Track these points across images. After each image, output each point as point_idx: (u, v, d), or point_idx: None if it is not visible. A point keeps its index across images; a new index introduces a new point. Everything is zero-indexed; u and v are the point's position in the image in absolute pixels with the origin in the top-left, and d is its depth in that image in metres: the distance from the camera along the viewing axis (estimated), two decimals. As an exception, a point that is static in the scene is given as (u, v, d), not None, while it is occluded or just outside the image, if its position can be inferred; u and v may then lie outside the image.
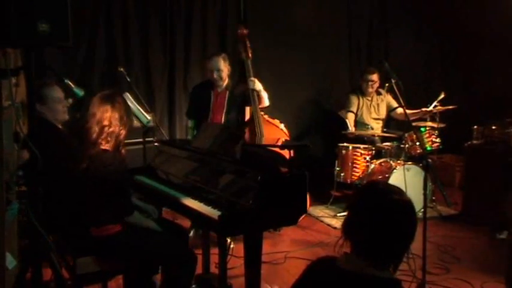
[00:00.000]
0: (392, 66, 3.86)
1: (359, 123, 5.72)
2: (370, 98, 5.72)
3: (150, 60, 5.50)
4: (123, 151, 2.85)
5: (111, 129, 2.75)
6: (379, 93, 5.74)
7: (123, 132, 2.80)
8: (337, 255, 1.66)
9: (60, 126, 3.23)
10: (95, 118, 2.77)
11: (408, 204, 1.60)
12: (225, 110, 4.44)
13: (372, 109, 5.72)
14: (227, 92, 4.46)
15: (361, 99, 5.71)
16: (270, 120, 4.55)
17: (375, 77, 5.61)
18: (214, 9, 5.75)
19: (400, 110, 5.60)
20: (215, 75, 4.35)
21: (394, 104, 5.71)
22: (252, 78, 4.31)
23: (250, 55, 4.33)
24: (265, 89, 4.47)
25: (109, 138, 2.76)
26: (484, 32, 5.27)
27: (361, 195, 1.69)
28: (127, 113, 2.86)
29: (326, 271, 1.65)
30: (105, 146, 2.76)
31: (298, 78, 6.16)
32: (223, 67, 4.36)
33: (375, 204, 1.59)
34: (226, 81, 4.45)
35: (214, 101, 4.45)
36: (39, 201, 2.25)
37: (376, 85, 5.66)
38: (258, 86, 4.36)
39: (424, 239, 3.27)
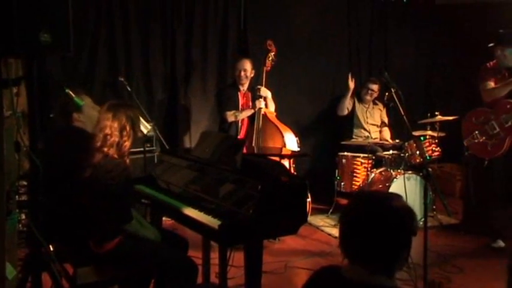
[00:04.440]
0: (392, 75, 3.88)
1: (356, 126, 5.84)
2: (367, 105, 5.91)
3: (151, 69, 5.50)
4: (127, 160, 2.83)
5: (112, 139, 2.73)
6: (375, 103, 5.95)
7: (126, 143, 2.77)
8: (341, 264, 1.66)
9: None
10: (98, 126, 2.78)
11: (398, 207, 1.59)
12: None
13: (368, 115, 5.90)
14: (250, 93, 5.12)
15: (357, 103, 5.88)
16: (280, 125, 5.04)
17: (375, 87, 5.81)
18: (215, 19, 5.77)
19: (385, 130, 5.89)
20: (242, 74, 5.04)
21: (385, 119, 5.96)
22: (259, 86, 5.00)
23: (269, 68, 5.06)
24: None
25: (113, 147, 2.73)
26: (485, 41, 5.31)
27: (348, 206, 1.69)
28: (132, 125, 2.81)
29: (330, 280, 1.65)
30: (109, 153, 2.74)
31: (298, 87, 6.16)
32: (249, 68, 5.04)
33: (360, 212, 1.61)
34: (248, 82, 5.10)
35: (242, 101, 5.10)
36: (40, 210, 2.24)
37: (375, 95, 5.86)
38: (265, 92, 5.05)
39: (425, 248, 3.26)
